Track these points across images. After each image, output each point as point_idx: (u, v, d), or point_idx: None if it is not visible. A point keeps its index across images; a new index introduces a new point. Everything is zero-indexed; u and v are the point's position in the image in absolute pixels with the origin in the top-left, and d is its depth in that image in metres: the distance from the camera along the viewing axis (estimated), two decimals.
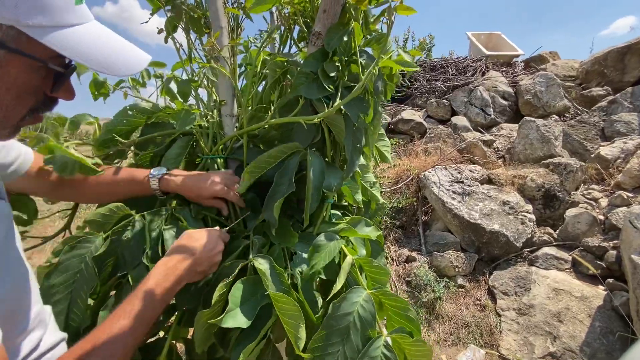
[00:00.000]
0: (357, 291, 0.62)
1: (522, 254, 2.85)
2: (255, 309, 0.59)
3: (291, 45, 0.98)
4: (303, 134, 0.84)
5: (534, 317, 2.37)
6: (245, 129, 0.80)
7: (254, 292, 0.61)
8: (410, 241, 3.39)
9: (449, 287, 2.77)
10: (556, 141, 3.51)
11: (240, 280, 0.61)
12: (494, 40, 6.53)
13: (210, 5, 0.88)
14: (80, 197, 0.78)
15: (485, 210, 2.99)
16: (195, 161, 0.96)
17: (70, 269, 0.62)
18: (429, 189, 3.30)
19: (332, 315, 0.59)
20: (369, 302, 0.60)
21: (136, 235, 0.69)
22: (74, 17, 0.44)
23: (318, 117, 0.69)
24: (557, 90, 4.44)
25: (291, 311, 0.57)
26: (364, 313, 0.59)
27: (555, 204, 3.06)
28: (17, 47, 0.42)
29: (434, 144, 4.23)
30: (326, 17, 0.76)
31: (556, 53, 6.00)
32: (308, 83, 0.73)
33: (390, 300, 0.63)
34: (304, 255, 0.76)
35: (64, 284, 0.61)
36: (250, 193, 0.86)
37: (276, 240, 0.75)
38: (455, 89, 5.21)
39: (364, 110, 0.78)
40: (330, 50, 0.73)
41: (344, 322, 0.59)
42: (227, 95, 0.89)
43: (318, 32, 0.77)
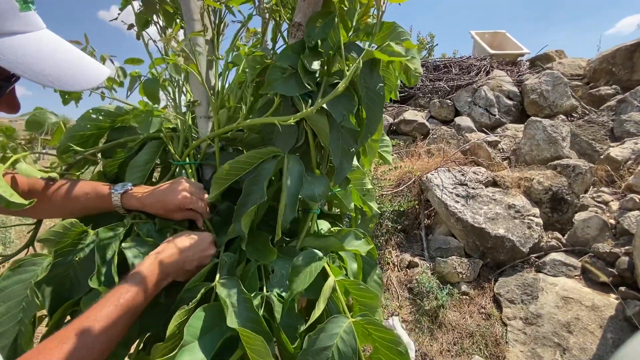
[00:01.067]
0: (337, 321, 0.53)
1: (529, 259, 2.74)
2: (216, 342, 0.50)
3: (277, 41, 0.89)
4: (283, 138, 0.76)
5: (541, 327, 2.26)
6: (217, 132, 0.72)
7: (217, 322, 0.53)
8: (412, 246, 3.28)
9: (452, 294, 2.66)
10: (564, 142, 3.39)
11: (201, 308, 0.53)
12: (499, 39, 6.40)
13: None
14: (35, 213, 0.71)
15: (490, 214, 2.88)
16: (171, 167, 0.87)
17: (14, 296, 0.54)
18: (431, 191, 3.20)
19: (308, 350, 0.50)
20: (350, 335, 0.51)
21: (90, 254, 0.61)
22: (17, 24, 0.39)
23: (295, 117, 0.61)
24: (564, 90, 4.32)
25: (258, 347, 0.48)
26: (344, 347, 0.50)
27: (563, 208, 2.95)
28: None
29: (437, 145, 4.12)
30: (307, 6, 0.67)
31: (562, 51, 5.86)
32: (284, 79, 0.64)
33: (378, 331, 0.54)
34: (284, 272, 0.67)
35: (8, 315, 0.53)
36: (225, 202, 0.78)
37: (252, 257, 0.67)
38: (459, 88, 5.10)
39: (350, 109, 0.69)
40: (311, 42, 0.64)
41: (321, 358, 0.50)
42: (201, 95, 0.80)
43: (298, 22, 0.69)
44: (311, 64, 0.64)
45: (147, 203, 0.67)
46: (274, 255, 0.67)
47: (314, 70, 0.65)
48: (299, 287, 0.61)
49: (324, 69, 0.70)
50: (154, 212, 0.69)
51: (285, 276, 0.66)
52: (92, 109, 0.75)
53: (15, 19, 0.39)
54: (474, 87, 4.92)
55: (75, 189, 0.67)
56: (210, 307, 0.54)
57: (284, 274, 0.66)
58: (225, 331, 0.53)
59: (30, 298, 0.54)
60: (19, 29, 0.40)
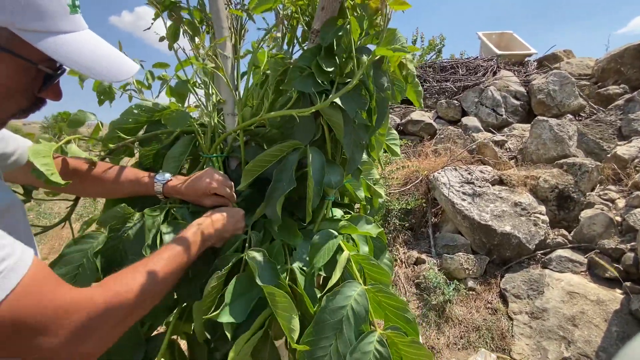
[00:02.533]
0: (351, 285, 0.61)
1: (535, 256, 2.78)
2: (249, 304, 0.59)
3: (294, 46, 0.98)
4: (303, 132, 0.85)
5: (547, 321, 2.31)
6: (241, 126, 0.81)
7: (248, 288, 0.62)
8: (419, 243, 3.35)
9: (459, 289, 2.72)
10: (570, 141, 3.42)
11: (235, 277, 0.62)
12: (506, 39, 6.43)
13: (211, 6, 0.90)
14: (82, 192, 0.81)
15: (497, 211, 2.93)
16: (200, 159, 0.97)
17: (73, 262, 0.64)
18: (438, 190, 3.26)
19: (325, 308, 0.59)
20: (363, 297, 0.59)
21: (136, 232, 0.70)
22: (68, 25, 0.47)
23: (311, 109, 0.69)
24: (571, 89, 4.34)
25: (282, 303, 0.57)
26: (357, 307, 0.59)
27: (569, 205, 2.98)
28: (9, 48, 0.44)
29: (444, 145, 4.18)
30: (324, 15, 0.76)
31: (570, 51, 5.86)
32: (303, 77, 0.73)
33: (388, 299, 0.63)
34: (304, 250, 0.76)
35: (67, 276, 0.63)
36: (248, 189, 0.87)
37: (279, 237, 0.76)
38: (466, 89, 5.15)
39: (362, 106, 0.78)
40: (325, 44, 0.73)
41: (337, 316, 0.58)
42: (227, 94, 0.90)
43: (317, 29, 0.78)
44: (326, 65, 0.73)
45: (183, 191, 0.77)
46: (300, 239, 0.76)
47: (328, 71, 0.74)
48: (319, 262, 0.70)
49: (337, 71, 0.79)
50: (187, 198, 0.79)
51: (306, 253, 0.75)
52: (135, 105, 0.85)
53: (66, 20, 0.47)
54: (480, 87, 4.96)
55: (121, 175, 0.78)
56: (242, 276, 0.62)
57: (304, 252, 0.75)
58: (255, 295, 0.61)
59: (86, 265, 0.64)
60: (69, 29, 0.47)
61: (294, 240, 0.77)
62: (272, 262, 0.62)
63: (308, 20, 0.91)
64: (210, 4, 0.90)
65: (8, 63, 0.45)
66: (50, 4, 0.44)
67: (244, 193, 0.86)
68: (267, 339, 0.66)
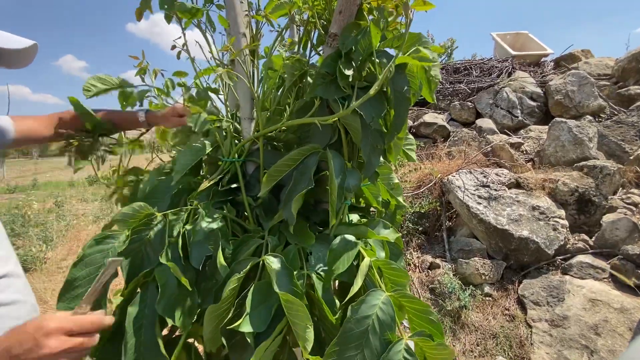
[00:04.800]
0: (376, 294, 0.60)
1: (555, 262, 2.70)
2: (269, 312, 0.59)
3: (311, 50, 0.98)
4: (320, 136, 0.84)
5: (568, 329, 2.23)
6: (262, 132, 0.81)
7: (266, 297, 0.61)
8: (433, 247, 3.30)
9: (475, 295, 2.66)
10: (590, 143, 3.32)
11: (254, 285, 0.61)
12: (521, 40, 6.31)
13: (229, 12, 0.91)
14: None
15: (514, 215, 2.86)
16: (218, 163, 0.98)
17: (94, 263, 0.64)
18: (453, 193, 3.21)
19: (351, 318, 0.58)
20: (388, 305, 0.58)
21: (159, 233, 0.71)
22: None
23: (333, 118, 0.69)
24: (590, 90, 4.22)
25: (299, 312, 0.56)
26: (383, 316, 0.58)
27: (590, 209, 2.89)
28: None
29: (458, 148, 4.12)
30: (342, 19, 0.76)
31: (589, 51, 5.71)
32: (325, 84, 0.73)
33: (410, 302, 0.61)
34: (320, 255, 0.75)
35: (87, 278, 0.63)
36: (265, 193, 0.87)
37: (293, 240, 0.75)
38: (480, 90, 5.07)
39: (379, 112, 0.77)
40: (345, 50, 0.73)
41: (362, 326, 0.57)
42: (245, 99, 0.90)
43: (334, 33, 0.78)
44: (346, 70, 0.73)
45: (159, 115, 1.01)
46: (313, 240, 0.75)
47: (349, 76, 0.73)
48: (339, 269, 0.69)
49: (355, 74, 0.79)
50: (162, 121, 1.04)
51: (322, 258, 0.74)
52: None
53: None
54: (495, 88, 4.88)
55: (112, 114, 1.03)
56: (260, 284, 0.62)
57: (320, 257, 0.74)
58: (274, 303, 0.61)
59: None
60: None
61: (307, 242, 0.76)
62: (289, 268, 0.62)
63: (324, 24, 0.91)
64: (228, 10, 0.91)
65: None
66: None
67: (262, 198, 0.86)
68: (285, 344, 0.65)
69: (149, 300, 0.62)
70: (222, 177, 0.88)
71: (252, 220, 0.86)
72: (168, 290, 0.62)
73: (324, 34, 0.93)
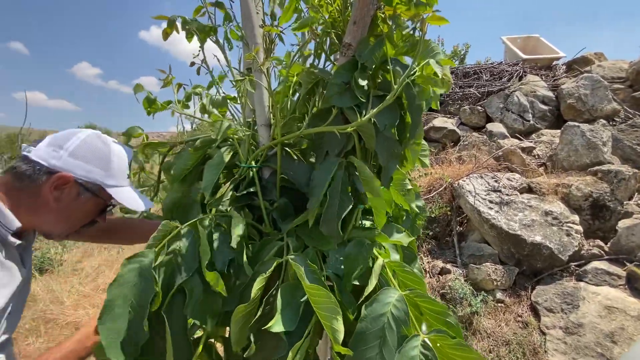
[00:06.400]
0: (388, 292, 0.61)
1: (569, 268, 2.66)
2: (297, 312, 0.61)
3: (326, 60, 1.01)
4: (334, 142, 0.87)
5: (583, 337, 2.19)
6: (280, 139, 0.84)
7: (293, 297, 0.63)
8: (444, 252, 3.28)
9: (486, 301, 2.63)
10: (604, 147, 3.27)
11: (281, 286, 0.63)
12: (532, 43, 6.26)
13: (245, 23, 0.94)
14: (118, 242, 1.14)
15: (526, 220, 2.83)
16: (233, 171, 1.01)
17: (127, 282, 0.65)
18: (463, 198, 3.19)
19: (365, 317, 0.59)
20: (402, 302, 0.59)
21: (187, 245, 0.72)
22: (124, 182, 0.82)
23: (351, 127, 0.71)
24: (604, 93, 4.16)
25: (327, 304, 0.58)
26: (397, 313, 0.59)
27: (605, 215, 2.84)
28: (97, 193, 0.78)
29: (468, 152, 4.10)
30: (356, 29, 0.79)
31: (602, 54, 5.63)
32: (340, 93, 0.76)
33: (426, 303, 0.63)
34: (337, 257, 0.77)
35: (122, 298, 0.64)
36: (282, 199, 0.90)
37: (311, 243, 0.78)
38: (490, 94, 5.04)
39: (392, 120, 0.79)
40: (362, 61, 0.75)
41: (378, 324, 0.58)
42: (261, 106, 0.93)
43: (348, 43, 0.80)
44: (362, 80, 0.75)
45: None
46: (331, 245, 0.77)
47: (363, 85, 0.76)
48: (354, 271, 0.71)
49: (370, 82, 0.81)
50: None
51: (339, 260, 0.76)
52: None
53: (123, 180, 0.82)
54: (506, 92, 4.84)
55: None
56: (287, 285, 0.64)
57: (337, 259, 0.76)
58: (300, 303, 0.63)
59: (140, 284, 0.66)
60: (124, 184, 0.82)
61: (326, 246, 0.78)
62: (313, 266, 0.64)
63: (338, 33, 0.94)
64: (245, 21, 0.94)
65: (93, 202, 0.79)
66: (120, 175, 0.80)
67: (279, 202, 0.89)
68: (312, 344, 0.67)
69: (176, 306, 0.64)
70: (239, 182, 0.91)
71: (268, 223, 0.88)
72: (195, 295, 0.64)
73: (338, 43, 0.96)
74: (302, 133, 0.79)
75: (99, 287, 3.33)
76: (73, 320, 2.87)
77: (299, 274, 0.59)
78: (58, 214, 0.75)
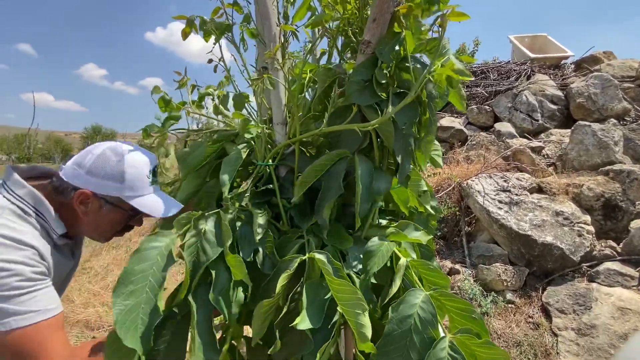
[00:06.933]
0: (415, 293, 0.61)
1: (580, 268, 2.63)
2: (322, 308, 0.60)
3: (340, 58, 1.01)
4: (351, 140, 0.86)
5: (596, 338, 2.16)
6: (299, 137, 0.84)
7: (317, 294, 0.63)
8: (452, 253, 3.25)
9: (496, 302, 2.61)
10: (616, 147, 3.23)
11: (305, 283, 0.63)
12: (540, 42, 6.21)
13: (263, 21, 0.94)
14: None
15: (536, 220, 2.80)
16: (249, 169, 1.01)
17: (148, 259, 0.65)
18: (472, 198, 3.17)
19: (393, 319, 0.59)
20: (428, 303, 0.59)
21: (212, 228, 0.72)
22: (146, 191, 0.85)
23: (373, 124, 0.71)
24: (614, 92, 4.11)
25: (352, 300, 0.57)
26: (424, 314, 0.58)
27: (617, 215, 2.80)
28: (118, 205, 0.83)
29: (476, 152, 4.07)
30: (376, 27, 0.78)
31: (611, 52, 5.56)
32: (360, 90, 0.75)
33: (451, 301, 0.62)
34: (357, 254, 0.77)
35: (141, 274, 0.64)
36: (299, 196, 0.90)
37: (330, 242, 0.77)
38: (498, 94, 5.00)
39: (413, 118, 0.79)
40: (382, 59, 0.75)
41: (405, 326, 0.58)
42: (277, 104, 0.93)
43: (367, 40, 0.80)
44: (381, 78, 0.75)
45: None
46: (350, 242, 0.77)
47: (383, 83, 0.75)
48: (374, 268, 0.71)
49: (389, 80, 0.81)
50: None
51: (358, 258, 0.76)
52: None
53: (146, 189, 0.84)
54: (514, 92, 4.81)
55: None
56: (311, 283, 0.64)
57: (357, 256, 0.76)
58: (325, 301, 0.62)
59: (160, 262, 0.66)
60: (145, 193, 0.85)
61: (345, 245, 0.78)
62: (336, 263, 0.63)
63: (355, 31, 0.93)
64: (262, 19, 0.94)
65: (117, 213, 0.84)
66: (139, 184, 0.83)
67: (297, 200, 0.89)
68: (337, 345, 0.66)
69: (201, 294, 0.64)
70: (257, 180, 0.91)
71: (286, 221, 0.88)
72: (220, 282, 0.65)
73: (355, 41, 0.96)
74: (322, 131, 0.78)
75: (108, 286, 3.35)
76: (83, 318, 2.89)
77: (325, 270, 0.59)
78: (88, 225, 0.84)
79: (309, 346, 0.57)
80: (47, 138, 50.67)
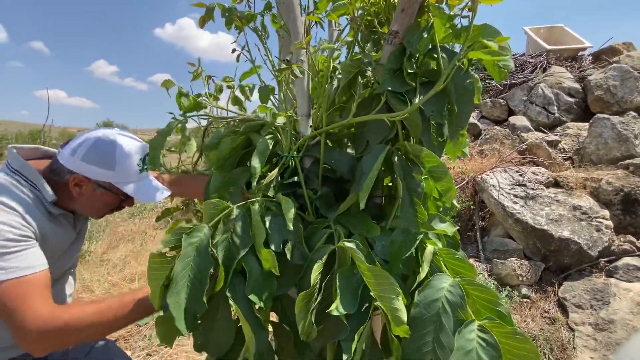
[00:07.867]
0: (441, 277, 0.61)
1: (598, 264, 2.59)
2: (355, 294, 0.61)
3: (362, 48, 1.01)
4: (377, 131, 0.87)
5: (614, 333, 2.14)
6: (326, 128, 0.85)
7: (350, 281, 0.64)
8: (466, 247, 3.24)
9: (512, 296, 2.59)
10: (636, 140, 3.16)
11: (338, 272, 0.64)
12: (556, 33, 6.05)
13: (288, 14, 0.95)
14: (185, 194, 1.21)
15: (553, 215, 2.77)
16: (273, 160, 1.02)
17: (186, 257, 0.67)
18: (487, 192, 3.14)
19: (420, 303, 0.60)
20: (456, 287, 0.59)
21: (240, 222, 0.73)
22: (136, 178, 0.93)
23: (402, 114, 0.71)
24: (634, 84, 4.00)
25: (385, 285, 0.58)
26: (452, 298, 0.59)
27: (637, 210, 2.75)
28: (110, 189, 0.92)
29: (490, 146, 4.02)
30: (404, 16, 0.78)
31: (630, 43, 5.39)
32: (392, 78, 0.76)
33: (478, 291, 0.62)
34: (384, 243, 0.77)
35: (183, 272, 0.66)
36: (324, 188, 0.90)
37: (357, 231, 0.78)
38: (513, 87, 4.91)
39: (440, 107, 0.79)
40: (411, 48, 0.75)
41: (433, 309, 0.59)
42: (303, 96, 0.94)
43: (395, 30, 0.80)
44: (410, 67, 0.75)
45: None
46: (377, 231, 0.78)
47: (412, 72, 0.75)
48: (400, 256, 0.72)
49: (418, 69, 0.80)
50: None
51: (386, 247, 0.76)
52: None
53: (136, 176, 0.93)
54: (529, 84, 4.71)
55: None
56: (343, 271, 0.65)
57: (384, 245, 0.77)
58: (357, 286, 0.63)
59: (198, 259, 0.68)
60: (136, 180, 0.93)
61: (372, 233, 0.79)
62: (366, 250, 0.64)
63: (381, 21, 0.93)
64: (287, 12, 0.95)
65: (109, 196, 0.93)
66: (130, 171, 0.91)
67: (322, 191, 0.90)
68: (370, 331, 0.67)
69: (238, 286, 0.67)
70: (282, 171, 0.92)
71: (311, 212, 0.89)
72: (254, 275, 0.66)
73: (380, 32, 0.96)
74: (350, 122, 0.79)
75: (126, 277, 3.44)
76: None
77: (357, 258, 0.60)
78: (83, 204, 0.93)
79: (345, 331, 0.58)
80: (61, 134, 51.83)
